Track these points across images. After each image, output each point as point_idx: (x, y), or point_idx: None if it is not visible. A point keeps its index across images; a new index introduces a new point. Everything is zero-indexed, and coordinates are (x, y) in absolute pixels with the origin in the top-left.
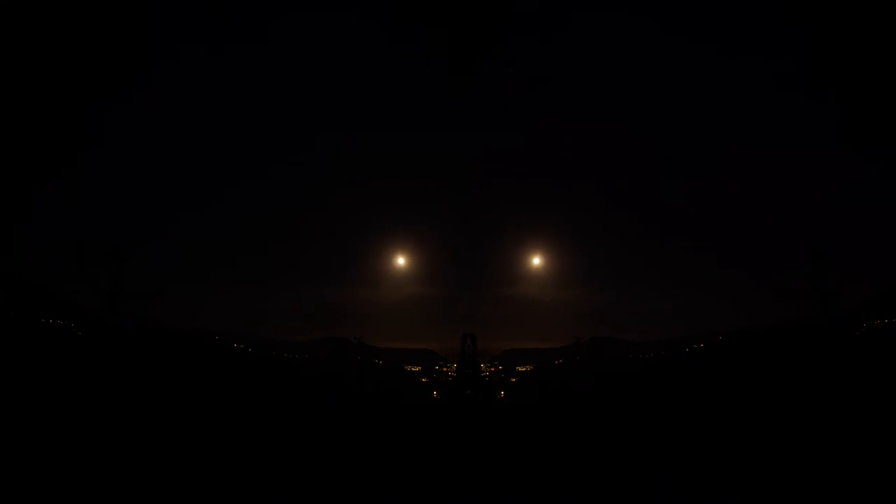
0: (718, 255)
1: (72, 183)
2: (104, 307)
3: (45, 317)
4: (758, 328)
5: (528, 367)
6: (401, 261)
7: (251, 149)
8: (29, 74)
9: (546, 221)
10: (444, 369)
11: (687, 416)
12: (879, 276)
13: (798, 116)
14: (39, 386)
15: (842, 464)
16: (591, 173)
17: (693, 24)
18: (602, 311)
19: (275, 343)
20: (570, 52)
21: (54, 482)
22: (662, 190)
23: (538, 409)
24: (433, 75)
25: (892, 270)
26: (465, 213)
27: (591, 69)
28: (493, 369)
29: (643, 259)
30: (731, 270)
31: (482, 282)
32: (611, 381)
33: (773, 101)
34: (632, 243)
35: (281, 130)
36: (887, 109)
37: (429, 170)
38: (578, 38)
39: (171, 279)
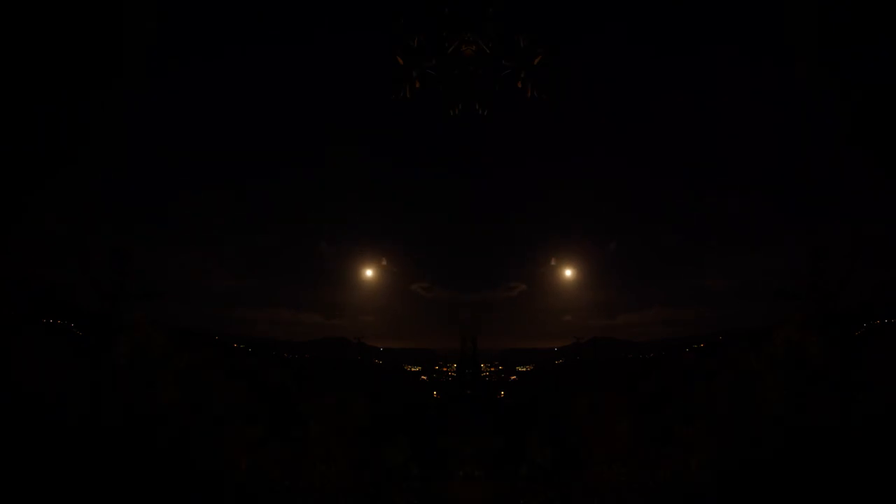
0: (719, 256)
1: (72, 183)
2: (104, 307)
3: (45, 317)
4: (758, 328)
5: (529, 367)
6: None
7: (252, 149)
8: (28, 73)
9: (547, 223)
10: (444, 369)
11: (687, 415)
12: (879, 277)
13: (799, 117)
14: (40, 385)
15: (842, 463)
16: (592, 174)
17: (692, 25)
18: (602, 310)
19: (275, 343)
20: (574, 65)
21: (55, 481)
22: (663, 191)
23: (538, 408)
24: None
25: (892, 270)
26: (466, 214)
27: (591, 72)
28: (493, 369)
29: (643, 259)
30: (732, 270)
31: (483, 282)
32: (610, 380)
33: (774, 101)
34: (632, 244)
35: (282, 131)
36: (888, 109)
37: (429, 169)
38: (583, 51)
39: (171, 279)
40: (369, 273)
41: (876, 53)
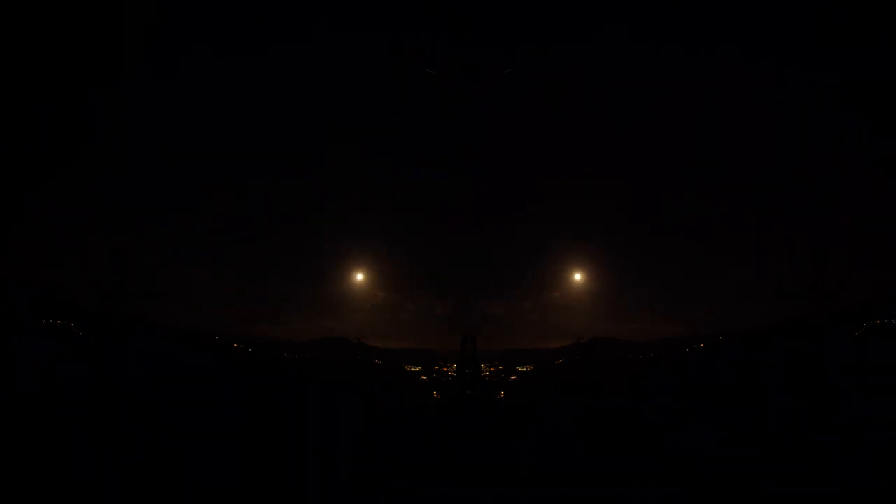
0: (719, 256)
1: (72, 183)
2: (104, 307)
3: (45, 317)
4: (758, 328)
5: (529, 367)
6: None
7: (252, 149)
8: (30, 75)
9: (547, 223)
10: (444, 369)
11: (688, 415)
12: (879, 276)
13: (799, 117)
14: (40, 385)
15: (841, 461)
16: (591, 177)
17: (692, 25)
18: (602, 311)
19: (275, 343)
20: (574, 65)
21: (55, 479)
22: (663, 192)
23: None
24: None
25: (892, 270)
26: (468, 216)
27: (591, 72)
28: (493, 369)
29: (643, 260)
30: (732, 270)
31: (482, 282)
32: (611, 380)
33: (774, 101)
34: (632, 244)
35: (281, 131)
36: (887, 109)
37: (429, 169)
38: (583, 51)
39: (171, 279)
40: (361, 277)
41: (876, 53)
